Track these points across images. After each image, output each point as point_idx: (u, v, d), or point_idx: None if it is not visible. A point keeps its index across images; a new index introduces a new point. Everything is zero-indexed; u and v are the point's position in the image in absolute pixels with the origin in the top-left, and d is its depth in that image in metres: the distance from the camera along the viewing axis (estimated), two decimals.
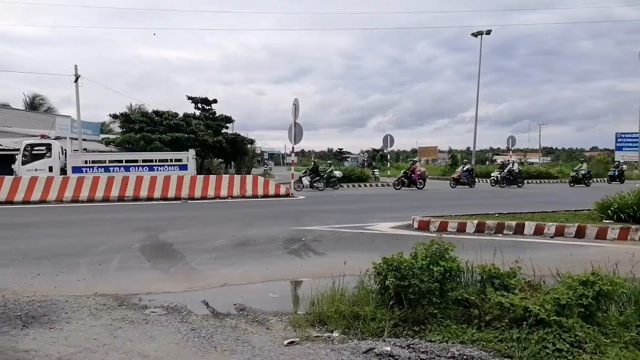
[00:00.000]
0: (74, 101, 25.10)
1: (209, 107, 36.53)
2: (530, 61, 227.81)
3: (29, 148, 19.18)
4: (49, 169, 18.75)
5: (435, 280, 3.88)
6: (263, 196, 17.46)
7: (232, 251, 7.38)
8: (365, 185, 27.91)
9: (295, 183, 21.18)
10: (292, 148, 20.96)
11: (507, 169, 26.20)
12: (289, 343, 3.61)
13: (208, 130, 32.49)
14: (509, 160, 29.15)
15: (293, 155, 22.42)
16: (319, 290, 4.35)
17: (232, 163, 38.05)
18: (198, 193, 16.81)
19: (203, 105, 36.42)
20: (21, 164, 18.70)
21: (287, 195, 18.10)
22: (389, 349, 3.41)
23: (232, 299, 4.85)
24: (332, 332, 3.82)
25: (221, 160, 37.73)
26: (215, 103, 36.72)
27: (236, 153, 35.76)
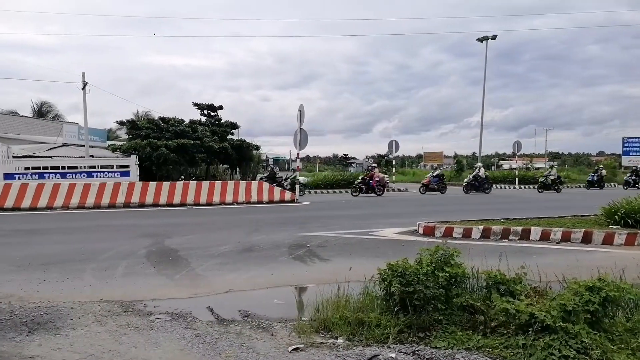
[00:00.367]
0: (81, 108, 25.33)
1: (215, 114, 36.73)
2: (536, 66, 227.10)
3: None
4: None
5: (441, 287, 3.87)
6: (268, 202, 17.49)
7: (237, 257, 7.38)
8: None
9: None
10: (297, 154, 20.97)
11: (472, 175, 25.15)
12: (294, 349, 3.61)
13: (214, 137, 32.63)
14: (476, 165, 27.53)
15: (298, 161, 22.43)
16: (324, 296, 4.34)
17: (238, 169, 38.14)
18: (204, 199, 16.86)
19: (209, 112, 36.63)
20: None
21: (292, 201, 18.12)
22: (393, 355, 3.40)
23: (237, 305, 4.85)
24: (337, 339, 3.81)
25: (227, 166, 37.84)
26: (221, 109, 36.93)
27: (241, 159, 35.85)
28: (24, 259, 7.12)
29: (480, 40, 37.10)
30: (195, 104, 36.38)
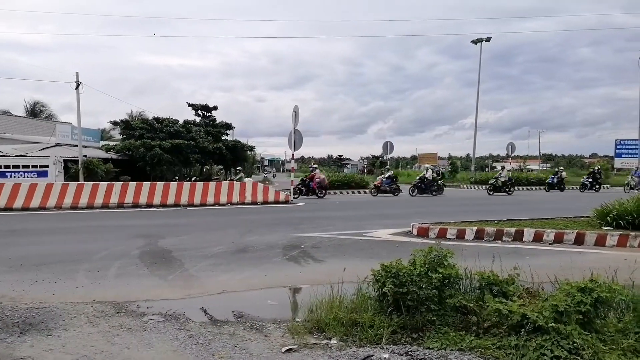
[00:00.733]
0: (74, 108, 25.11)
1: (209, 114, 36.72)
2: (530, 68, 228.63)
3: None
4: None
5: (434, 287, 3.88)
6: (262, 203, 17.45)
7: (231, 258, 7.37)
8: (365, 192, 27.91)
9: None
10: (292, 155, 20.97)
11: (419, 177, 23.84)
12: (287, 350, 3.60)
13: (208, 137, 32.62)
14: (425, 167, 25.83)
15: (293, 161, 22.44)
16: (318, 297, 4.34)
17: (232, 169, 38.13)
18: (197, 200, 16.80)
19: (203, 112, 36.63)
20: None
21: (287, 201, 18.09)
22: (387, 356, 3.41)
23: (231, 305, 4.84)
24: (330, 339, 3.81)
25: (221, 167, 37.83)
26: (216, 110, 36.94)
27: (236, 159, 35.84)
28: (16, 259, 7.06)
29: (475, 42, 37.33)
30: (190, 104, 36.38)
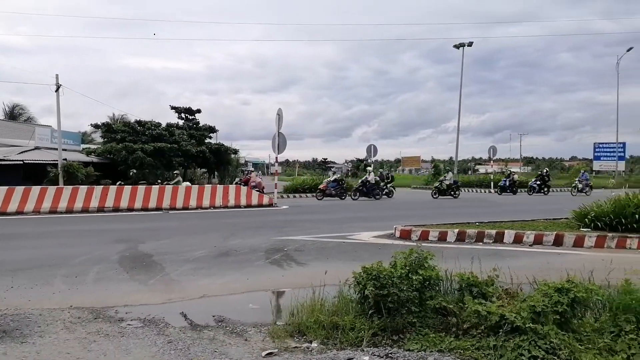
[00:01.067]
0: (54, 110, 24.62)
1: (193, 117, 36.38)
2: (512, 73, 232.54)
3: None
4: None
5: (414, 289, 3.90)
6: (246, 206, 17.37)
7: (213, 262, 7.30)
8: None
9: None
10: (276, 158, 20.93)
11: (361, 180, 22.67)
12: (267, 354, 3.58)
13: (191, 140, 32.32)
14: (367, 169, 23.90)
15: (277, 165, 22.38)
16: (299, 300, 4.33)
17: (216, 173, 37.85)
18: (180, 203, 16.64)
19: (187, 115, 36.26)
20: None
21: (270, 205, 18.03)
22: (367, 358, 3.41)
23: (211, 310, 4.79)
24: (311, 343, 3.79)
25: (204, 170, 37.52)
26: (199, 113, 36.62)
27: (220, 163, 35.57)
28: None
29: (457, 46, 37.71)
30: (173, 107, 35.98)
